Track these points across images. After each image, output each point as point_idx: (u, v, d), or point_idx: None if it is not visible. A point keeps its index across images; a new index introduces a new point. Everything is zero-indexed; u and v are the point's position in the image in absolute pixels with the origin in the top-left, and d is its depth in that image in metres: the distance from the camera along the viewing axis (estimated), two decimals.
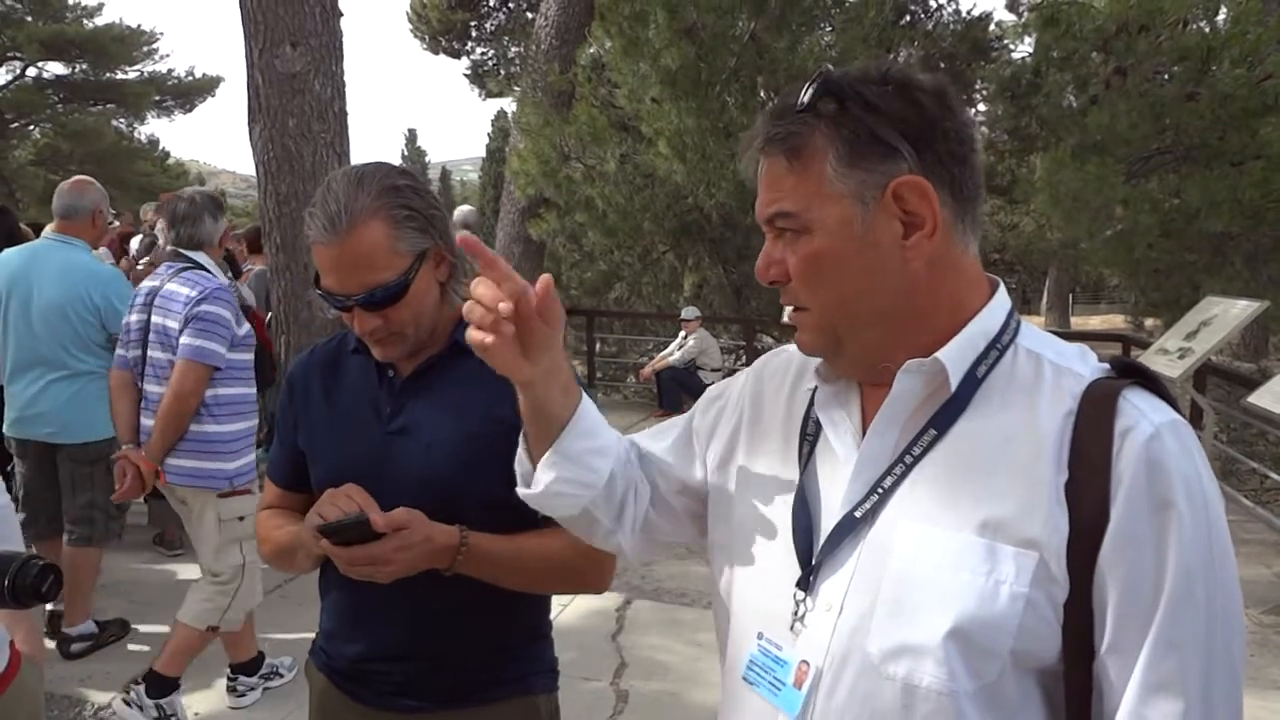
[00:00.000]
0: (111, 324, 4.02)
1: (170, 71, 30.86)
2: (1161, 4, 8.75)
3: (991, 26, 14.26)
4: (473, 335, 1.02)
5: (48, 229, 4.25)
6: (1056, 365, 1.00)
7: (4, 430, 4.17)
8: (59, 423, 4.05)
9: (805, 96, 0.99)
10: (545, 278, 1.04)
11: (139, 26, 30.30)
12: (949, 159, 0.98)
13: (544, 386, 1.09)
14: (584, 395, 1.16)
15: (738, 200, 10.39)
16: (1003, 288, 1.06)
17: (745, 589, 1.12)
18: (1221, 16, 9.47)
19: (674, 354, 10.33)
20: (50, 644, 4.04)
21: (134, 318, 3.59)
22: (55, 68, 29.04)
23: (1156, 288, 10.16)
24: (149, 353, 3.53)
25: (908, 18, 12.60)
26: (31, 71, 28.79)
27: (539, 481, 1.14)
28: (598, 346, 12.37)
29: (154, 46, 30.38)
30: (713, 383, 8.41)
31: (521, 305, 1.02)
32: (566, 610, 4.47)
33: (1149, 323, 15.75)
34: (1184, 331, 6.95)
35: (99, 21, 29.48)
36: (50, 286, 4.02)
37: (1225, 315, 6.77)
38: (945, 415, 1.00)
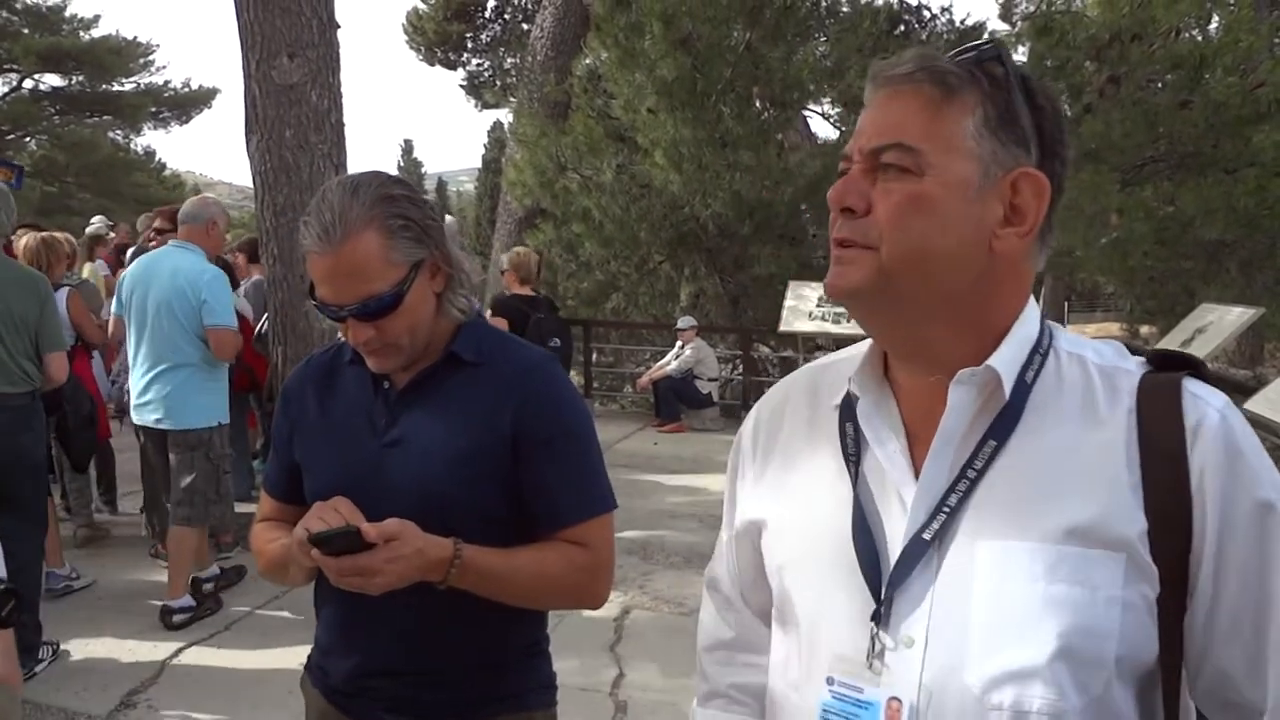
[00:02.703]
0: (207, 319, 4.49)
1: (167, 83, 30.90)
2: (1154, 13, 8.81)
3: (985, 35, 14.32)
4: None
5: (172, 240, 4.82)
6: (1101, 365, 0.99)
7: (131, 416, 4.73)
8: (165, 410, 4.53)
9: (974, 49, 0.96)
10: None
11: (135, 38, 30.37)
12: (1056, 179, 0.98)
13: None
14: None
15: (734, 210, 10.42)
16: (1033, 296, 1.05)
17: (808, 627, 1.03)
18: (1214, 25, 9.51)
19: (671, 364, 10.32)
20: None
21: None
22: (52, 79, 29.09)
23: (1152, 295, 10.20)
24: None
25: (902, 27, 12.61)
26: (28, 83, 28.81)
27: None
28: (594, 356, 12.36)
29: (150, 58, 30.43)
30: (709, 392, 8.40)
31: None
32: (565, 621, 4.46)
33: (1144, 330, 15.77)
34: (1179, 339, 6.97)
35: (96, 33, 29.51)
36: (162, 286, 4.52)
37: (1220, 322, 6.79)
38: (1002, 425, 0.96)
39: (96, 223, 8.48)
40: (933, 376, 0.99)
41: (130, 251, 7.03)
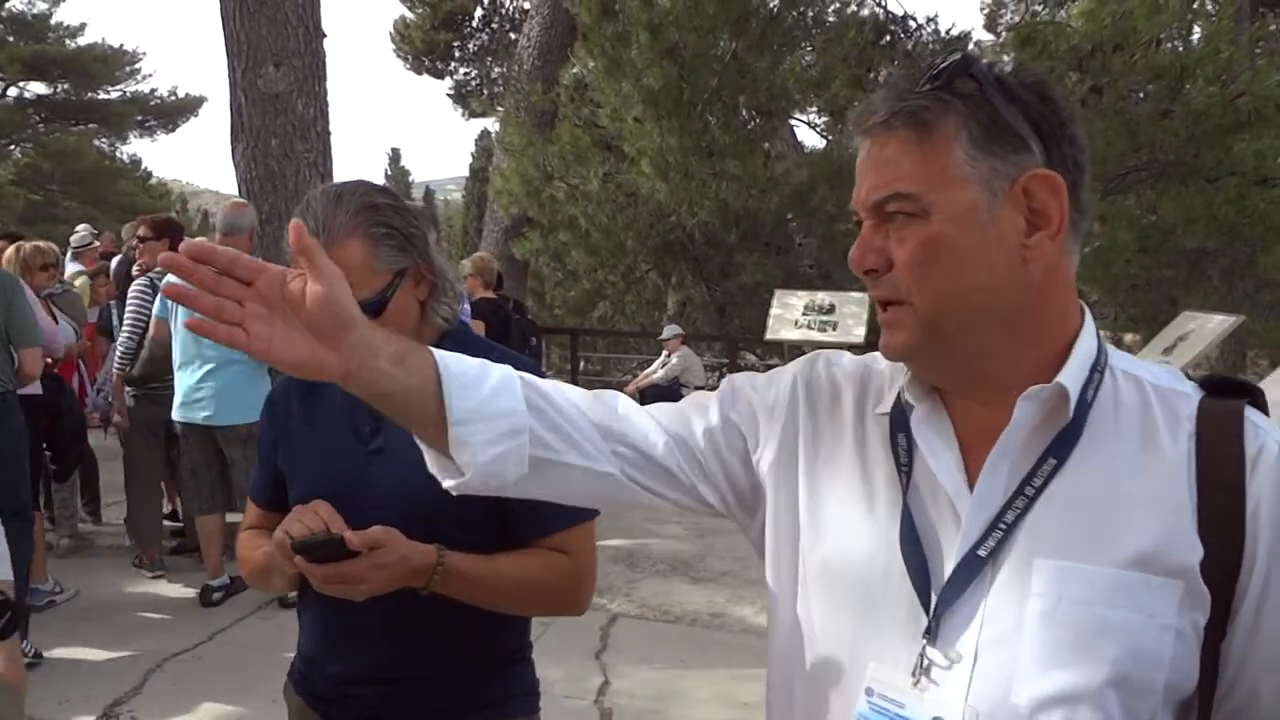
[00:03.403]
0: None
1: (153, 91, 30.81)
2: (1135, 24, 8.89)
3: (970, 46, 14.42)
4: (215, 331, 0.91)
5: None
6: (1158, 387, 0.97)
7: (174, 416, 4.86)
8: (214, 406, 4.72)
9: (939, 71, 0.94)
10: (293, 225, 0.93)
11: (121, 46, 30.30)
12: (1073, 164, 0.95)
13: (369, 373, 0.93)
14: (434, 353, 0.98)
15: (720, 219, 10.45)
16: (1089, 311, 1.02)
17: (847, 638, 1.00)
18: (1195, 36, 9.61)
19: (658, 372, 10.34)
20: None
21: None
22: (37, 87, 28.98)
23: (1135, 303, 10.27)
24: None
25: (887, 38, 12.68)
26: (13, 91, 28.69)
27: (462, 468, 0.98)
28: (581, 365, 12.37)
29: (136, 66, 30.36)
30: None
31: (262, 283, 0.91)
32: (550, 628, 4.46)
33: (1128, 338, 15.87)
34: (1161, 346, 7.01)
35: (81, 41, 29.44)
36: None
37: (1202, 330, 6.84)
38: (1063, 443, 0.94)
39: (81, 231, 8.43)
40: (990, 396, 0.97)
41: (115, 260, 7.01)
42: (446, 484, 1.01)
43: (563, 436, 1.03)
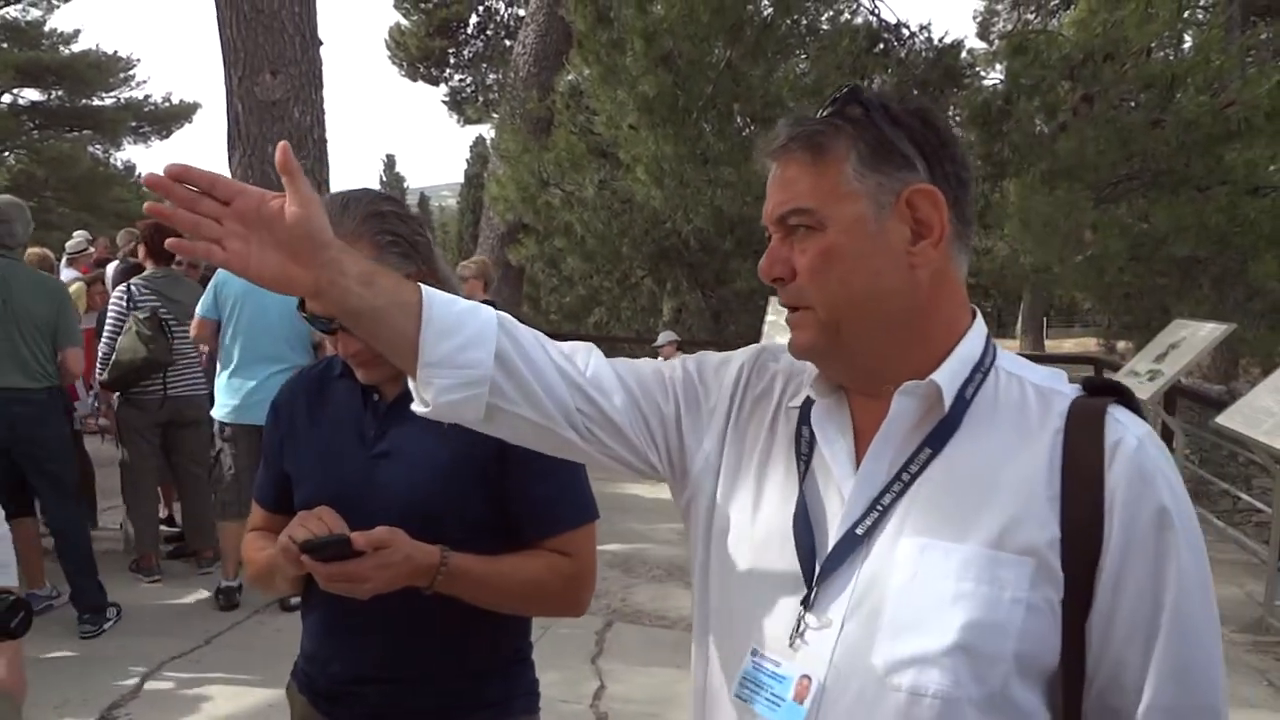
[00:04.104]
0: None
1: (147, 98, 30.74)
2: (1126, 33, 8.94)
3: (963, 54, 14.46)
4: (194, 248, 0.97)
5: None
6: (1039, 386, 1.06)
7: (221, 417, 4.88)
8: None
9: (834, 100, 1.06)
10: (280, 145, 0.98)
11: (116, 53, 30.18)
12: (955, 180, 1.06)
13: (337, 290, 1.01)
14: (421, 289, 1.07)
15: (715, 226, 10.49)
16: (980, 314, 1.13)
17: (745, 607, 1.12)
18: (1186, 45, 9.67)
19: None
20: None
21: None
22: (31, 94, 28.89)
23: (1127, 311, 10.33)
24: None
25: (881, 46, 12.72)
26: (7, 98, 28.61)
27: (423, 401, 1.09)
28: None
29: (131, 73, 30.27)
30: None
31: (240, 203, 0.98)
32: (547, 633, 4.48)
33: (1121, 345, 15.95)
34: (1153, 354, 7.06)
35: (75, 48, 29.35)
36: (276, 294, 4.64)
37: (1193, 338, 6.89)
38: (939, 434, 1.05)
39: (77, 237, 8.44)
40: (884, 391, 1.07)
41: (112, 266, 7.02)
42: (415, 407, 1.11)
43: (524, 390, 1.11)
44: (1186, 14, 10.33)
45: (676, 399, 1.22)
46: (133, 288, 5.24)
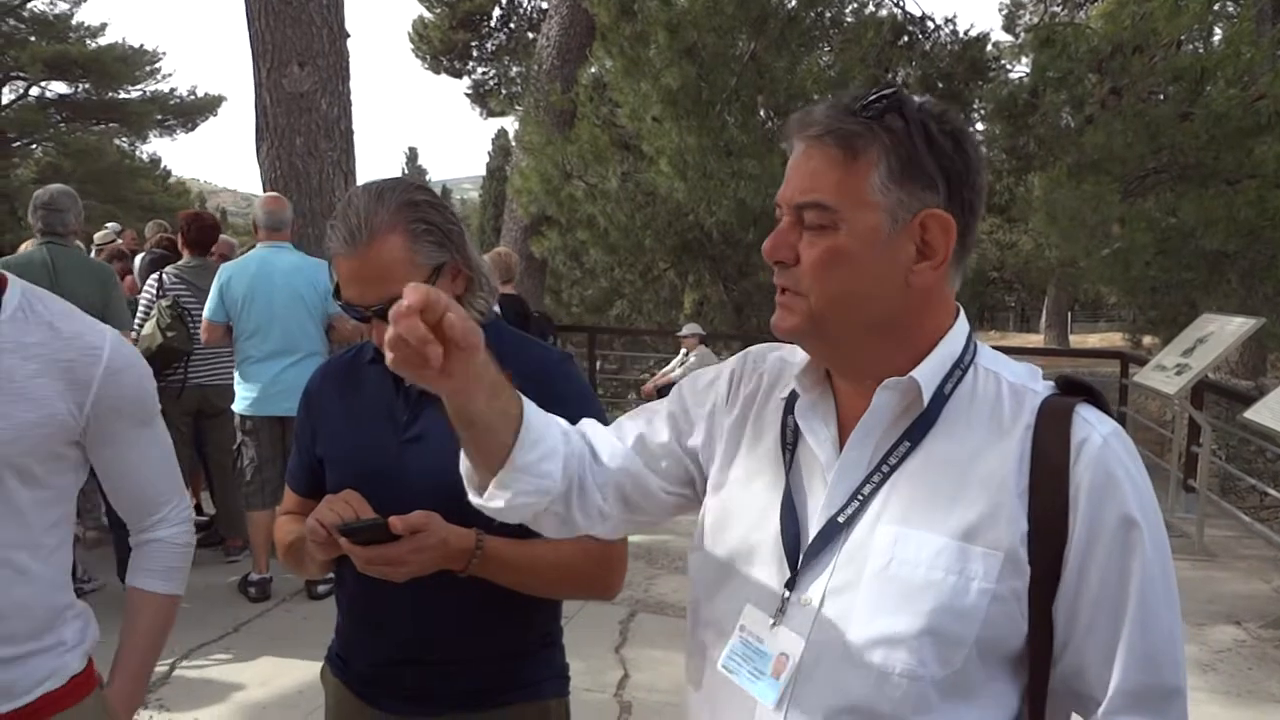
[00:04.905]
0: (330, 306, 4.74)
1: (173, 91, 31.03)
2: (1155, 25, 8.86)
3: (989, 47, 14.36)
4: (397, 365, 0.99)
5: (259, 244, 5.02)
6: (1013, 384, 1.11)
7: (241, 410, 4.93)
8: (295, 398, 4.74)
9: (876, 102, 1.05)
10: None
11: (142, 46, 30.52)
12: (969, 208, 1.08)
13: (468, 396, 1.06)
14: (521, 399, 1.14)
15: (738, 218, 10.46)
16: (963, 313, 1.16)
17: (735, 588, 1.18)
18: (1215, 38, 9.56)
19: (675, 371, 10.38)
20: None
21: None
22: (58, 87, 29.21)
23: (1154, 305, 10.24)
24: None
25: (905, 38, 12.65)
26: (34, 91, 28.94)
27: (495, 497, 1.15)
28: (599, 363, 12.41)
29: (157, 66, 30.57)
30: None
31: (443, 326, 0.99)
32: (571, 622, 4.50)
33: (1147, 340, 15.80)
34: (1181, 348, 7.00)
35: (102, 41, 29.68)
36: (288, 282, 4.83)
37: (1221, 332, 6.82)
38: (918, 428, 1.09)
39: (107, 229, 8.52)
40: (866, 384, 1.11)
41: (140, 258, 7.09)
42: (479, 500, 1.18)
43: (584, 509, 1.24)
44: (1216, 6, 10.21)
45: (677, 430, 1.30)
46: (165, 276, 5.31)
